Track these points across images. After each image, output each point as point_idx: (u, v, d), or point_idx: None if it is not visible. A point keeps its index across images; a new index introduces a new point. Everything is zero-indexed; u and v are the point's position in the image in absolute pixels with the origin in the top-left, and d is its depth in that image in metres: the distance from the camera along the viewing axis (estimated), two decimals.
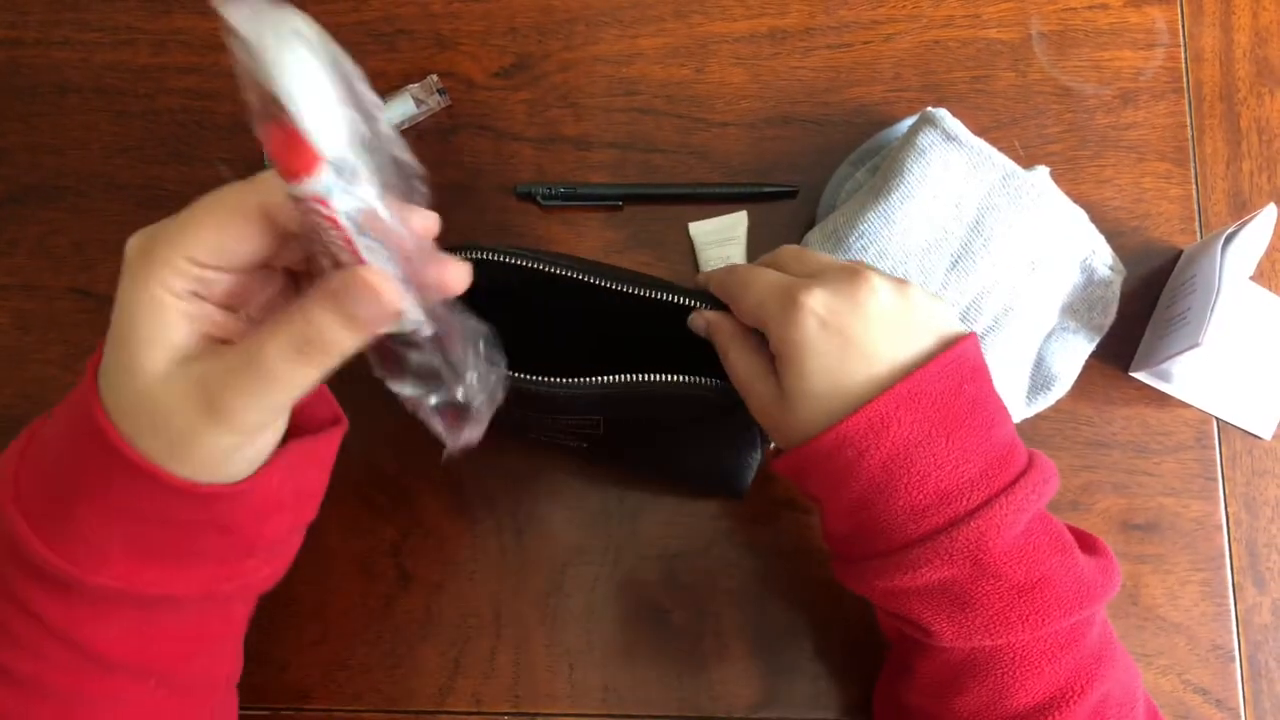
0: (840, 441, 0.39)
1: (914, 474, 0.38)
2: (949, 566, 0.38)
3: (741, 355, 0.44)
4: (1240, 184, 0.58)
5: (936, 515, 0.38)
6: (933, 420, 0.39)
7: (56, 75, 0.62)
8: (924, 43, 0.60)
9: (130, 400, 0.34)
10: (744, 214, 0.57)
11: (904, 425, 0.39)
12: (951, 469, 0.39)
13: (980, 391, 0.41)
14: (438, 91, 0.59)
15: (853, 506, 0.41)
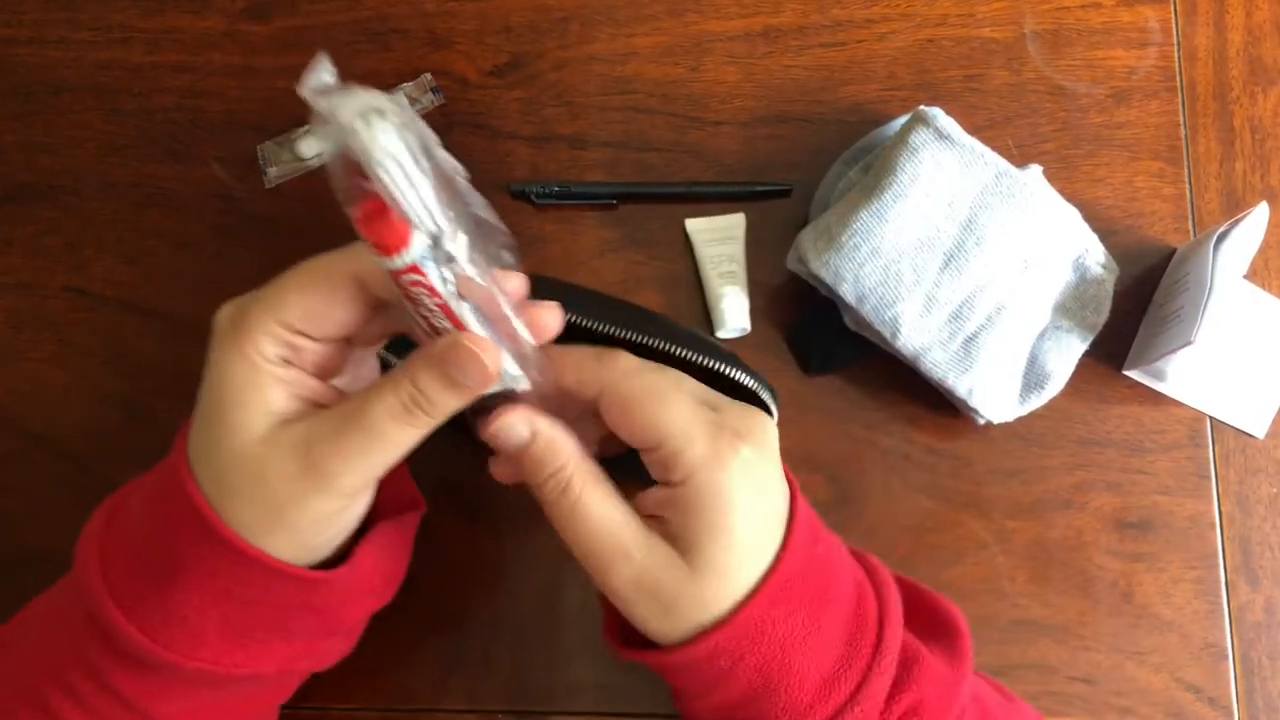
0: (714, 651, 0.34)
1: (794, 673, 0.35)
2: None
3: (602, 502, 0.35)
4: (1233, 183, 0.58)
5: (822, 707, 0.35)
6: (804, 608, 0.35)
7: (50, 74, 0.61)
8: (918, 41, 0.60)
9: (226, 466, 0.34)
10: (742, 215, 0.57)
11: (779, 624, 0.35)
12: (826, 654, 0.35)
13: (827, 547, 0.37)
14: (431, 90, 0.59)
15: (726, 705, 0.36)
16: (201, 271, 0.59)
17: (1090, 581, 0.53)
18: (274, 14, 0.62)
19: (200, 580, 0.35)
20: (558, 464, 0.35)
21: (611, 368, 0.36)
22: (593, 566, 0.35)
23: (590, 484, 0.35)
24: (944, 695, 0.37)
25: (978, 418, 0.53)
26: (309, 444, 0.33)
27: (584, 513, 0.35)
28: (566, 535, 0.36)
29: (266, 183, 0.59)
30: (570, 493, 0.35)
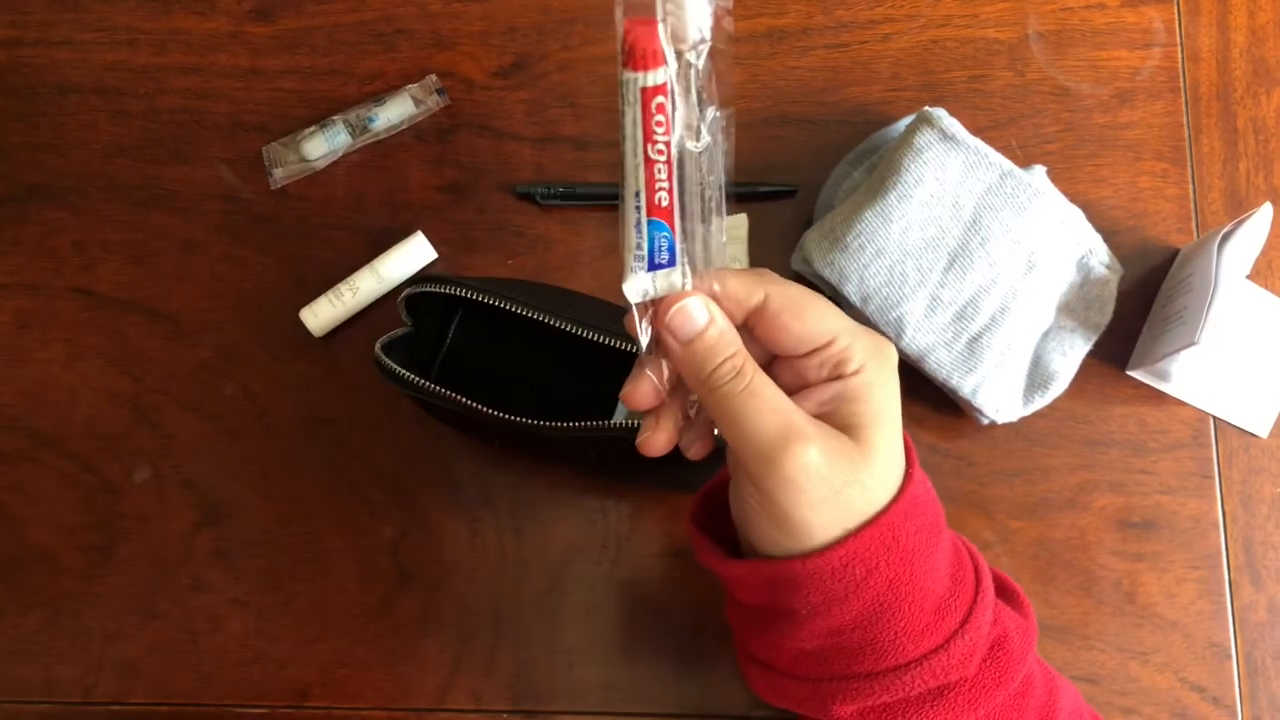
0: (852, 558, 0.34)
1: (917, 591, 0.35)
2: (941, 678, 0.36)
3: (773, 386, 0.35)
4: (1236, 183, 0.58)
5: (933, 634, 0.36)
6: (926, 529, 0.36)
7: (57, 75, 0.62)
8: (922, 42, 0.60)
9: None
10: (744, 216, 0.57)
11: (910, 537, 0.35)
12: (939, 579, 0.36)
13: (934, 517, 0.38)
14: (437, 91, 0.59)
15: (843, 626, 0.36)
16: (207, 272, 0.59)
17: (1094, 581, 0.53)
18: (279, 16, 0.62)
19: None
20: (734, 348, 0.34)
21: (770, 279, 0.36)
22: (766, 453, 0.33)
23: (759, 370, 0.34)
24: (1022, 637, 0.38)
25: (981, 418, 0.53)
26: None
27: (760, 394, 0.34)
28: (740, 422, 0.34)
29: (272, 184, 0.59)
30: (744, 376, 0.34)
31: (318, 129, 0.59)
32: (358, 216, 0.59)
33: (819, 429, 0.34)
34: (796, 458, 0.33)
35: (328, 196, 0.59)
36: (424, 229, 0.58)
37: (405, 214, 0.59)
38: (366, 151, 0.60)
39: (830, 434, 0.34)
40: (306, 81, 0.61)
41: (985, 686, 0.37)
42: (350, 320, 0.57)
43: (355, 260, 0.57)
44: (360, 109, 0.59)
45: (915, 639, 0.35)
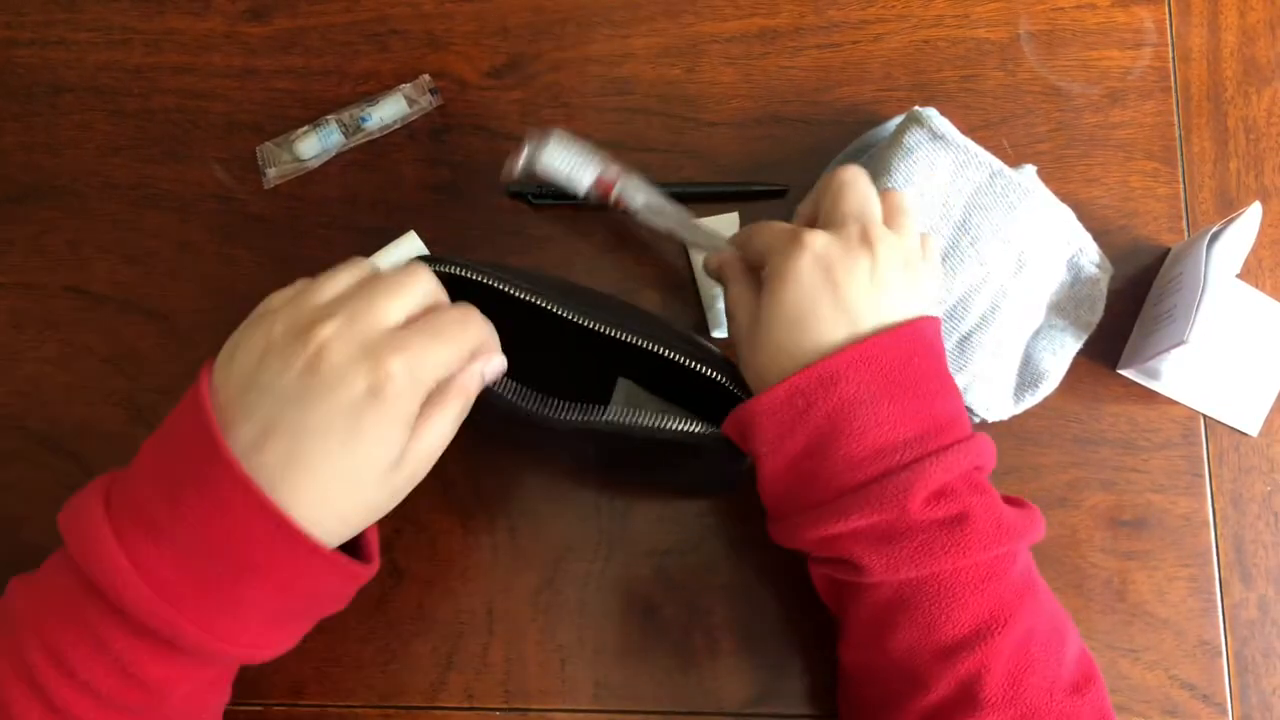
0: (793, 391, 0.42)
1: (855, 428, 0.41)
2: (878, 512, 0.41)
3: (738, 286, 0.48)
4: (1227, 183, 0.59)
5: (870, 467, 0.41)
6: (879, 383, 0.42)
7: (52, 75, 0.62)
8: (913, 42, 0.60)
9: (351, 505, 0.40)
10: (736, 215, 0.58)
11: (852, 383, 0.41)
12: (890, 428, 0.41)
13: (929, 367, 0.43)
14: (430, 91, 0.60)
15: (794, 459, 0.43)
16: (201, 271, 0.59)
17: (1085, 579, 0.54)
18: (273, 16, 0.62)
19: (270, 579, 0.38)
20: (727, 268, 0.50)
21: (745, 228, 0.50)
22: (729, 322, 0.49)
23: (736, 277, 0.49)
24: (995, 526, 0.41)
25: (973, 416, 0.53)
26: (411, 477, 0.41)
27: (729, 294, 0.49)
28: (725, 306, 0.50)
29: (265, 183, 0.60)
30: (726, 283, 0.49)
31: (311, 129, 0.59)
32: (351, 216, 0.59)
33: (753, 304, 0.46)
34: (736, 324, 0.47)
35: (321, 196, 0.60)
36: (417, 228, 0.58)
37: (398, 213, 0.59)
38: (360, 151, 0.60)
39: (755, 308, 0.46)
40: (300, 81, 0.61)
41: (937, 547, 0.41)
42: None
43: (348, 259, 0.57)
44: (354, 109, 0.60)
45: (852, 469, 0.41)
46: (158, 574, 0.37)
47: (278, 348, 0.38)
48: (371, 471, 0.39)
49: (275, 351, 0.38)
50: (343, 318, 0.38)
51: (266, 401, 0.38)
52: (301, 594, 0.40)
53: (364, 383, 0.37)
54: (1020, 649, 0.41)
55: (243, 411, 0.38)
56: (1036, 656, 0.41)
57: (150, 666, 0.38)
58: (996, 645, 0.40)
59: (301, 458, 0.37)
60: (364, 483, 0.39)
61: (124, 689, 0.38)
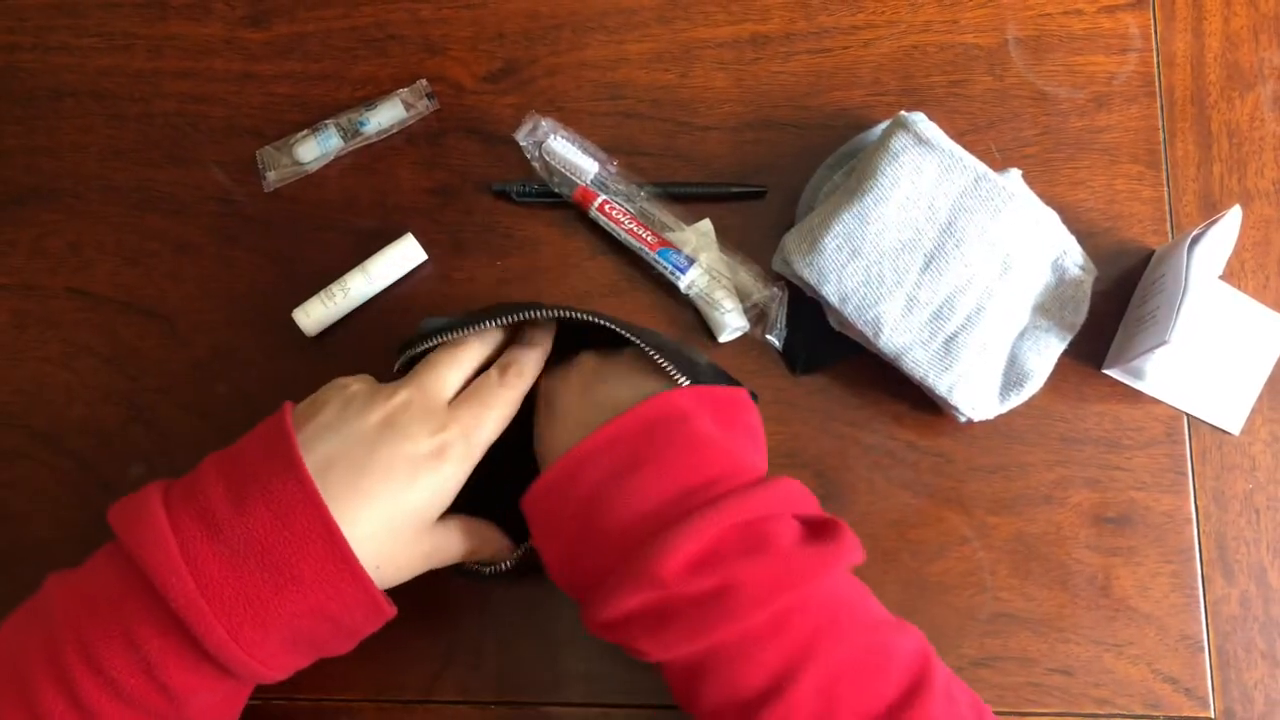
0: (546, 489, 0.43)
1: (606, 508, 0.41)
2: (639, 592, 0.39)
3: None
4: (1211, 186, 0.59)
5: (623, 544, 0.40)
6: (623, 459, 0.42)
7: (53, 79, 0.63)
8: (902, 48, 0.61)
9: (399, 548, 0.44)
10: (707, 221, 0.58)
11: (597, 466, 0.42)
12: (639, 500, 0.41)
13: (675, 433, 0.42)
14: (427, 96, 0.61)
15: (566, 554, 0.43)
16: (201, 273, 0.60)
17: (1069, 575, 0.55)
18: (273, 21, 0.63)
19: (309, 596, 0.40)
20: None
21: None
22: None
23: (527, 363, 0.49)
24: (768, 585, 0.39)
25: (959, 415, 0.54)
26: (443, 544, 0.46)
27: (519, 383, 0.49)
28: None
29: (265, 187, 0.61)
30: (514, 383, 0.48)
31: (310, 133, 0.60)
32: (349, 218, 0.60)
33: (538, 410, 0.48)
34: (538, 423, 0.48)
35: (320, 199, 0.61)
36: (414, 230, 0.59)
37: (396, 216, 0.60)
38: (358, 155, 0.61)
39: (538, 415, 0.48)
40: (299, 86, 0.62)
41: (707, 622, 0.39)
42: (342, 320, 0.58)
43: (347, 261, 0.58)
44: (352, 113, 0.61)
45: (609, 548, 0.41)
46: (205, 570, 0.39)
47: (357, 403, 0.44)
48: (415, 523, 0.43)
49: (354, 406, 0.44)
50: (414, 385, 0.45)
51: (340, 439, 0.42)
52: (329, 618, 0.41)
53: (430, 442, 0.43)
54: (824, 691, 0.39)
55: (318, 443, 0.42)
56: (844, 692, 0.39)
57: (174, 670, 0.39)
58: (796, 695, 0.38)
59: (362, 490, 0.41)
60: (406, 532, 0.43)
61: (147, 691, 0.39)
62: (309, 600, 0.40)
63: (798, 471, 0.56)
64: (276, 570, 0.39)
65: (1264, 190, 0.59)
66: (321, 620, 0.41)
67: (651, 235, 0.56)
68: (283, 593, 0.40)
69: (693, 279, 0.56)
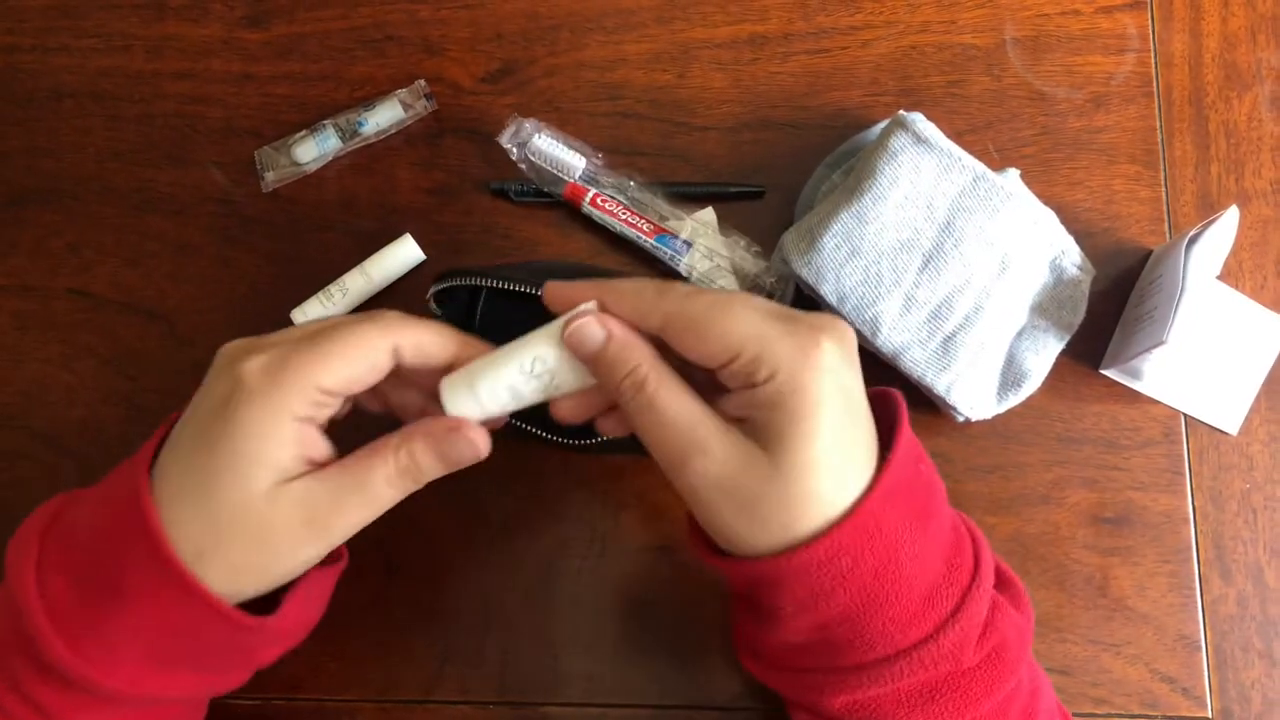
0: (837, 550, 0.33)
1: (903, 580, 0.34)
2: (931, 670, 0.35)
3: (679, 397, 0.35)
4: (1208, 186, 0.60)
5: (923, 622, 0.35)
6: (908, 516, 0.35)
7: (53, 80, 0.63)
8: (900, 48, 0.61)
9: (227, 515, 0.35)
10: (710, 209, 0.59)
11: (891, 524, 0.34)
12: (930, 566, 0.35)
13: (929, 466, 0.37)
14: (425, 96, 0.61)
15: (829, 621, 0.35)
16: (201, 273, 0.60)
17: (1067, 575, 0.55)
18: (271, 22, 0.63)
19: (141, 608, 0.35)
20: (633, 361, 0.35)
21: (671, 293, 0.36)
22: (669, 464, 0.35)
23: (666, 380, 0.35)
24: (1020, 640, 0.38)
25: (957, 415, 0.54)
26: (312, 503, 0.36)
27: (660, 407, 0.35)
28: (642, 434, 0.36)
29: (264, 187, 0.61)
30: (646, 387, 0.35)
31: (309, 133, 0.60)
32: (348, 219, 0.60)
33: (723, 440, 0.34)
34: (693, 472, 0.34)
35: (318, 199, 0.61)
36: (412, 231, 0.59)
37: (394, 216, 0.60)
38: (356, 155, 0.61)
39: (735, 446, 0.34)
40: (298, 87, 0.62)
41: (978, 691, 0.36)
42: None
43: (345, 262, 0.58)
44: (350, 113, 0.61)
45: (903, 628, 0.35)
46: (52, 589, 0.36)
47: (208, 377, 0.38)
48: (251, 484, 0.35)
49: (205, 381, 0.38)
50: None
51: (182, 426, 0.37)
52: (180, 634, 0.36)
53: (228, 380, 0.36)
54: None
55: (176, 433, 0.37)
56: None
57: (38, 688, 0.37)
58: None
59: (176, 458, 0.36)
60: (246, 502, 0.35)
61: (24, 711, 0.37)
62: (142, 613, 0.35)
63: None
64: (106, 579, 0.35)
65: (1261, 190, 0.59)
66: (172, 635, 0.36)
67: (647, 224, 0.56)
68: (113, 604, 0.35)
69: (692, 262, 0.56)
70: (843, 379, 0.34)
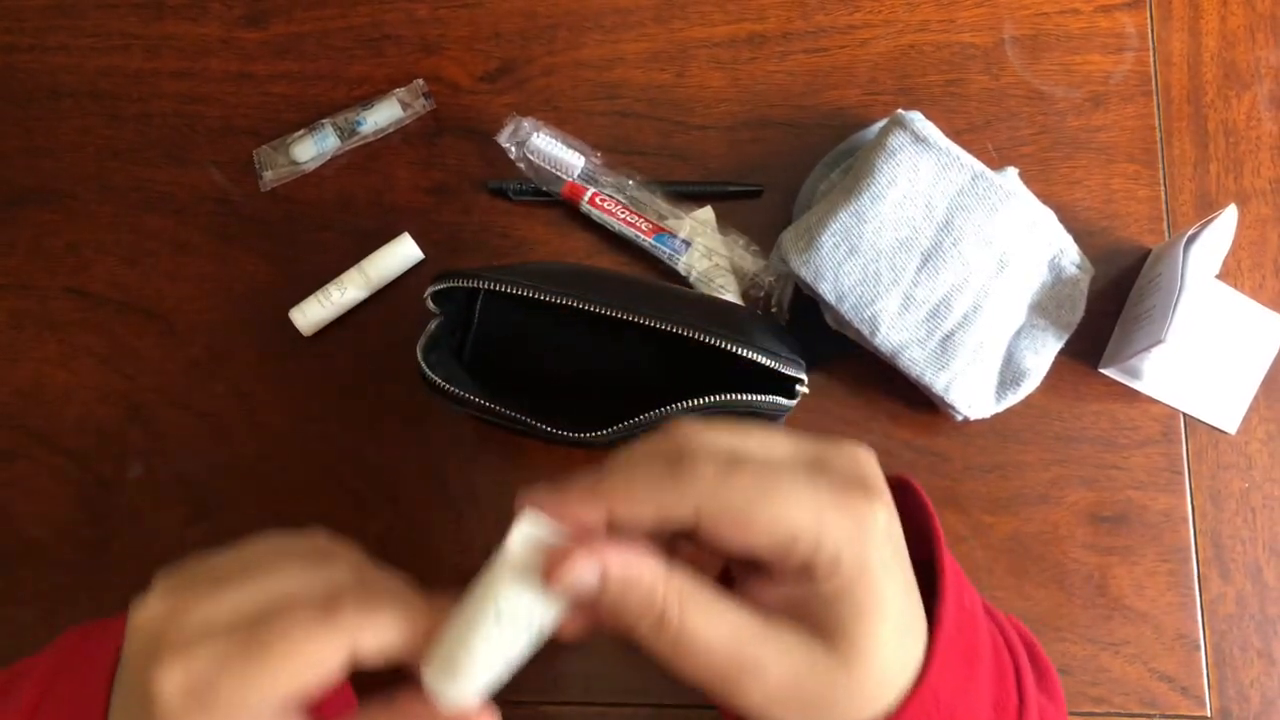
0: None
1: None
2: None
3: (713, 618, 0.29)
4: (1207, 185, 0.59)
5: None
6: (962, 661, 0.32)
7: (52, 80, 0.63)
8: (899, 47, 0.61)
9: None
10: (709, 208, 0.59)
11: (947, 690, 0.31)
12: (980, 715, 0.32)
13: (970, 594, 0.34)
14: (423, 95, 0.61)
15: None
16: (199, 272, 0.60)
17: (1066, 574, 0.55)
18: (270, 21, 0.63)
19: None
20: (645, 596, 0.28)
21: (696, 478, 0.28)
22: (715, 691, 0.29)
23: (692, 602, 0.28)
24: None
25: (955, 414, 0.54)
26: None
27: (691, 637, 0.28)
28: (679, 668, 0.29)
29: (262, 186, 0.61)
30: (670, 624, 0.28)
31: (307, 132, 0.60)
32: (346, 218, 0.60)
33: (778, 650, 0.29)
34: (746, 694, 0.29)
35: (316, 198, 0.61)
36: (411, 230, 0.59)
37: (392, 215, 0.60)
38: (354, 154, 0.61)
39: (792, 652, 0.29)
40: (296, 86, 0.62)
41: None
42: (338, 320, 0.59)
43: (343, 261, 0.58)
44: (348, 113, 0.61)
45: None
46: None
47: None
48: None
49: None
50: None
51: None
52: None
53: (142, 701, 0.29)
54: None
55: None
56: None
57: None
58: None
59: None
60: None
61: None
62: None
63: None
64: None
65: (1260, 189, 0.59)
66: None
67: (645, 223, 0.56)
68: None
69: (691, 261, 0.56)
70: (895, 538, 0.30)
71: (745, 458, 0.29)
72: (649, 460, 0.29)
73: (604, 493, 0.29)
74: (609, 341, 0.55)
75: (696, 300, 0.52)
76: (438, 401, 0.52)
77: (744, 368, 0.48)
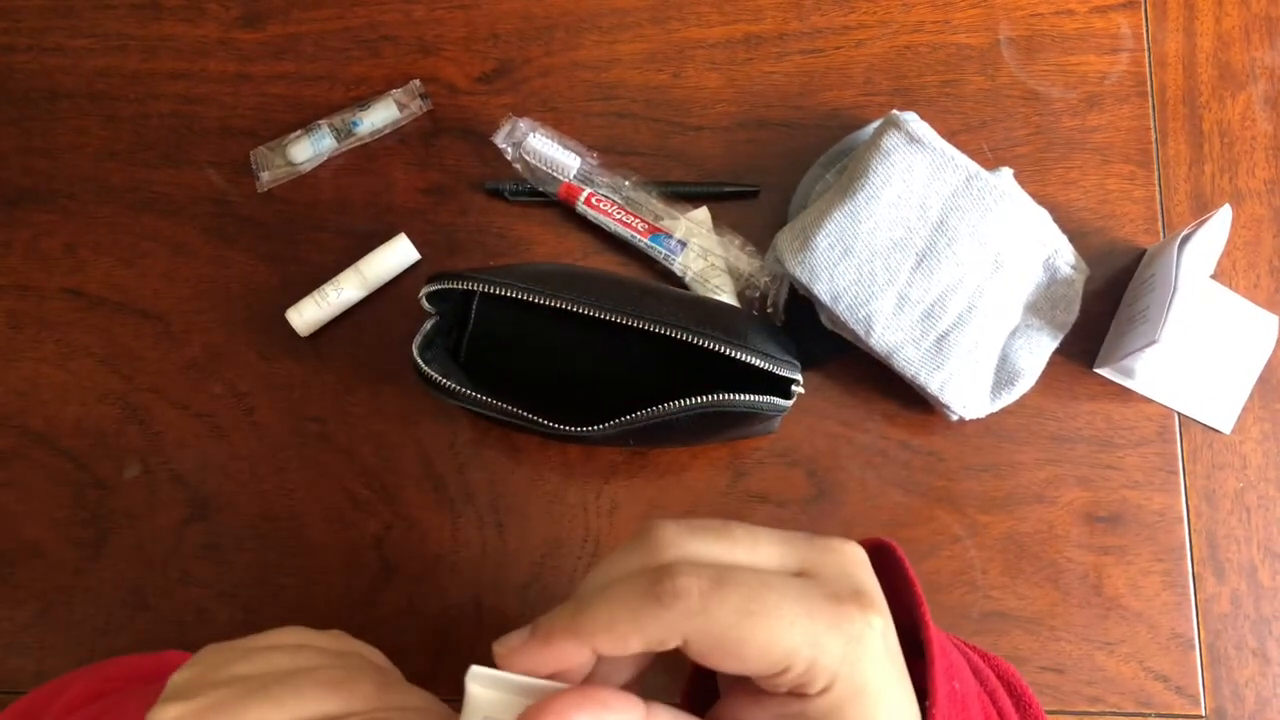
0: None
1: None
2: None
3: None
4: (1202, 185, 0.60)
5: None
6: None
7: (49, 81, 0.63)
8: (895, 48, 0.61)
9: None
10: (704, 209, 0.59)
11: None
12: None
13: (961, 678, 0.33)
14: (420, 96, 0.61)
15: None
16: (196, 273, 0.60)
17: (1061, 574, 0.55)
18: (267, 22, 0.63)
19: None
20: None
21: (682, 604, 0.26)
22: None
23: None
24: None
25: (950, 414, 0.54)
26: None
27: None
28: None
29: (259, 187, 0.61)
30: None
31: (304, 133, 0.60)
32: (342, 219, 0.60)
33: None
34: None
35: (313, 199, 0.61)
36: (407, 231, 0.59)
37: (389, 216, 0.60)
38: (351, 155, 0.61)
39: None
40: (293, 87, 0.62)
41: None
42: (335, 320, 0.59)
43: (340, 261, 0.59)
44: (346, 113, 0.61)
45: None
46: None
47: None
48: None
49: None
50: None
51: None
52: None
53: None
54: None
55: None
56: None
57: None
58: None
59: None
60: None
61: None
62: None
63: (790, 470, 0.56)
64: None
65: (1255, 190, 0.59)
66: None
67: (641, 223, 0.57)
68: None
69: (686, 261, 0.57)
70: (892, 650, 0.29)
71: (731, 569, 0.27)
72: (628, 584, 0.27)
73: (584, 632, 0.27)
74: (605, 341, 0.55)
75: (692, 301, 0.52)
76: (434, 401, 0.52)
77: (740, 367, 0.48)
